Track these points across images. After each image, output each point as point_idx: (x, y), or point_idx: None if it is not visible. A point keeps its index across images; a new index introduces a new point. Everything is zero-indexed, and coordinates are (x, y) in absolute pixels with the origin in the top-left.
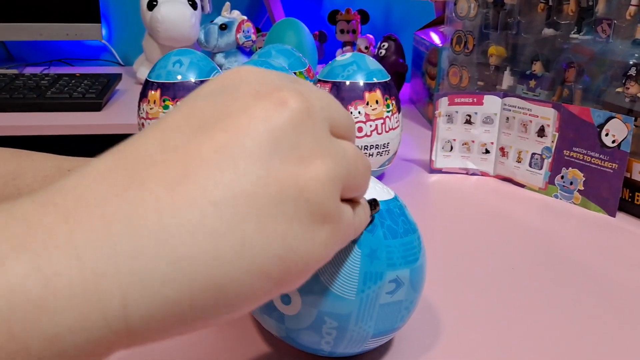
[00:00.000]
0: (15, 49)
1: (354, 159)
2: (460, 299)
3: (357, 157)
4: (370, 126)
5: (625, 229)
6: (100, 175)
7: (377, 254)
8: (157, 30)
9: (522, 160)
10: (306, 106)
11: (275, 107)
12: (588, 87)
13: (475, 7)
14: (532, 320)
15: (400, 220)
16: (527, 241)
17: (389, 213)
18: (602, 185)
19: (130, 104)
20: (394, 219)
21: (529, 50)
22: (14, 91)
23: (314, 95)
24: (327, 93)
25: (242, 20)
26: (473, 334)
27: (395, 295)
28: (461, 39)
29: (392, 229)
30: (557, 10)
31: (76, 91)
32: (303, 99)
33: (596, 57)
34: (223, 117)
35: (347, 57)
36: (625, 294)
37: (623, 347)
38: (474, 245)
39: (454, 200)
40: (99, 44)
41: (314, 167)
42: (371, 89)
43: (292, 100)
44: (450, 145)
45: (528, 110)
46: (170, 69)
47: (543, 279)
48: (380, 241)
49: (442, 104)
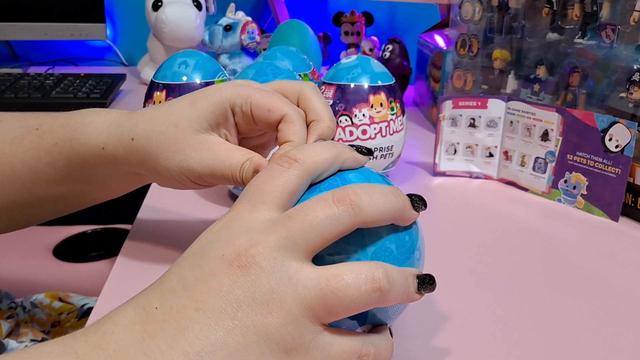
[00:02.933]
0: (20, 49)
1: (329, 286)
2: (463, 302)
3: (336, 283)
4: (374, 129)
5: (628, 234)
6: (127, 327)
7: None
8: (161, 30)
9: (525, 164)
10: (262, 264)
11: (235, 271)
12: (592, 92)
13: (480, 11)
14: (534, 323)
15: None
16: (530, 245)
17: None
18: (605, 189)
19: (135, 104)
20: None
21: (533, 54)
22: (19, 90)
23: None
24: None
25: (247, 21)
26: (475, 337)
27: None
28: (466, 42)
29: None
30: (561, 14)
31: (81, 91)
32: (262, 258)
33: (600, 62)
34: (198, 282)
35: (352, 59)
36: (627, 298)
37: (625, 351)
38: (476, 249)
39: (458, 204)
40: (103, 44)
41: (270, 310)
42: (376, 91)
43: (251, 263)
44: (454, 148)
45: (532, 114)
46: (175, 70)
47: (546, 283)
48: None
49: (446, 107)
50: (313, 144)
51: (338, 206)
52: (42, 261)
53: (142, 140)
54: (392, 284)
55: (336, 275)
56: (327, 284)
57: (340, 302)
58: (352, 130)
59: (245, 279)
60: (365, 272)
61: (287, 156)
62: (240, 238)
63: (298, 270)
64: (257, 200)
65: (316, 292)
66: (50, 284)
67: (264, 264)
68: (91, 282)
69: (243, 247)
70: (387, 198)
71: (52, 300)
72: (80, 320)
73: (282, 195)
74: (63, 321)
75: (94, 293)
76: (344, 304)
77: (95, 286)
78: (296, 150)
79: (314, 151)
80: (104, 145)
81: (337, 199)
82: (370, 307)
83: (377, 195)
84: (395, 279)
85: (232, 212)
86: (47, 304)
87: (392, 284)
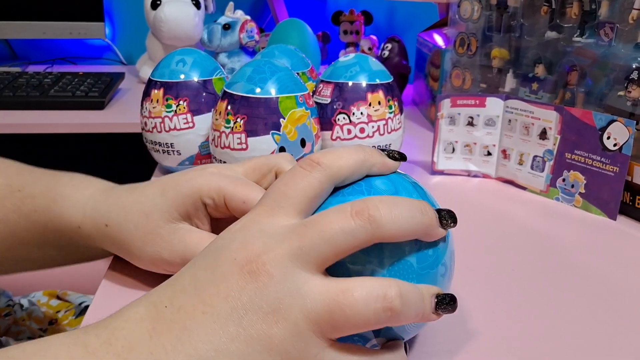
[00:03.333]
0: (18, 47)
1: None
2: (461, 300)
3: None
4: (372, 127)
5: (626, 232)
6: (137, 324)
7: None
8: (160, 29)
9: (523, 162)
10: (272, 272)
11: (245, 277)
12: (590, 91)
13: (479, 10)
14: (531, 321)
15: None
16: (528, 244)
17: None
18: (603, 188)
19: (133, 102)
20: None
21: (531, 53)
22: (17, 89)
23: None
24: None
25: (246, 20)
26: (471, 335)
27: None
28: (464, 41)
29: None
30: (560, 13)
31: (79, 89)
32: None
33: (599, 61)
34: (209, 284)
35: (350, 58)
36: (625, 296)
37: (623, 349)
38: (474, 247)
39: (456, 202)
40: (102, 43)
41: (276, 320)
42: (374, 90)
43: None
44: (452, 147)
45: (530, 112)
46: (173, 68)
47: (543, 281)
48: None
49: (444, 106)
50: (340, 148)
51: (355, 220)
52: None
53: (115, 229)
54: (405, 304)
55: (345, 291)
56: (335, 299)
57: (347, 319)
58: (350, 129)
59: (253, 286)
60: (377, 290)
61: (310, 159)
62: (255, 243)
63: (307, 281)
64: (277, 204)
65: (323, 307)
66: (48, 282)
67: (273, 272)
68: (89, 280)
69: (255, 253)
70: (411, 214)
71: (50, 298)
72: (77, 318)
73: (302, 200)
74: (60, 319)
75: (92, 291)
76: (351, 321)
77: (93, 284)
78: (320, 154)
79: (338, 155)
80: (80, 225)
81: (355, 212)
82: (379, 327)
83: (399, 211)
84: (410, 299)
85: (252, 213)
86: (44, 301)
87: (405, 304)
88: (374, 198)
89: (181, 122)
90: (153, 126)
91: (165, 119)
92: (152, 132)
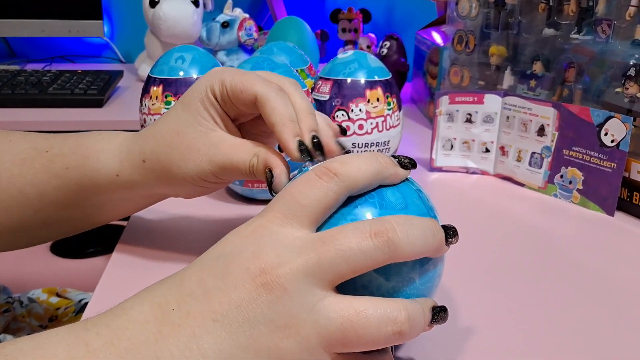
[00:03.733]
0: (17, 45)
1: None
2: (458, 296)
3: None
4: (371, 124)
5: (624, 228)
6: (141, 326)
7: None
8: (159, 27)
9: (521, 159)
10: (287, 287)
11: (258, 288)
12: (588, 87)
13: (477, 7)
14: (529, 317)
15: None
16: (526, 239)
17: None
18: (601, 184)
19: (132, 100)
20: None
21: (529, 50)
22: (16, 87)
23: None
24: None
25: (244, 18)
26: (469, 330)
27: None
28: (462, 38)
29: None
30: (557, 10)
31: (78, 87)
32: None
33: (596, 58)
34: (219, 291)
35: (349, 54)
36: (622, 292)
37: (620, 344)
38: (473, 243)
39: (454, 199)
40: (100, 41)
41: (288, 335)
42: (372, 86)
43: (275, 283)
44: (451, 143)
45: (528, 109)
46: (172, 65)
47: (541, 277)
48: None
49: (443, 103)
50: (356, 157)
51: (374, 240)
52: (40, 257)
53: (153, 160)
54: (412, 326)
55: (359, 313)
56: (350, 320)
57: (359, 339)
58: (349, 125)
59: (266, 298)
60: (389, 314)
61: (327, 168)
62: (268, 253)
63: (322, 299)
64: (291, 212)
65: (337, 326)
66: (48, 279)
67: (288, 286)
68: (88, 277)
69: (269, 265)
70: (424, 237)
71: (50, 295)
72: (77, 315)
73: (317, 212)
74: (60, 316)
75: (91, 288)
76: (362, 342)
77: (92, 281)
78: (338, 164)
79: (356, 166)
80: (118, 172)
81: (374, 233)
82: (386, 346)
83: (415, 233)
84: (416, 320)
85: (263, 218)
86: (44, 299)
87: (412, 326)
88: (392, 219)
89: None
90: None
91: None
92: None
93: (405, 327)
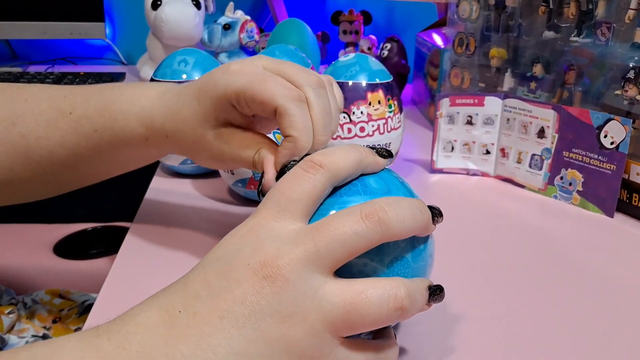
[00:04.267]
0: (19, 48)
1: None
2: (458, 297)
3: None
4: (372, 126)
5: (623, 229)
6: (150, 330)
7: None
8: (161, 29)
9: (522, 161)
10: (288, 276)
11: (261, 282)
12: (587, 90)
13: (477, 10)
14: (529, 318)
15: None
16: (526, 241)
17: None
18: (600, 186)
19: None
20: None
21: (529, 52)
22: None
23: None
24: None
25: (246, 20)
26: (469, 332)
27: None
28: (463, 40)
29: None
30: (557, 13)
31: None
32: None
33: (596, 60)
34: (223, 290)
35: (350, 57)
36: (622, 293)
37: (620, 345)
38: (473, 245)
39: (455, 200)
40: (102, 43)
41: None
42: (373, 89)
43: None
44: (452, 145)
45: (528, 111)
46: (175, 68)
47: (542, 278)
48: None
49: (443, 105)
50: (338, 148)
51: (366, 222)
52: (43, 258)
53: (174, 139)
54: (412, 301)
55: (360, 293)
56: (351, 301)
57: (363, 319)
58: (350, 128)
59: (270, 290)
60: (388, 291)
61: (312, 161)
62: (267, 247)
63: (323, 284)
64: (282, 207)
65: (340, 309)
66: (51, 280)
67: (290, 276)
68: (92, 279)
69: (269, 257)
70: (413, 214)
71: (53, 296)
72: (81, 317)
73: (308, 203)
74: (64, 317)
75: (95, 290)
76: (366, 322)
77: (96, 283)
78: (321, 155)
79: (339, 157)
80: (147, 137)
81: (365, 215)
82: (389, 324)
83: (403, 212)
84: (415, 296)
85: (256, 217)
86: (47, 300)
87: (412, 302)
88: (380, 201)
89: None
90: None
91: None
92: None
93: (406, 303)
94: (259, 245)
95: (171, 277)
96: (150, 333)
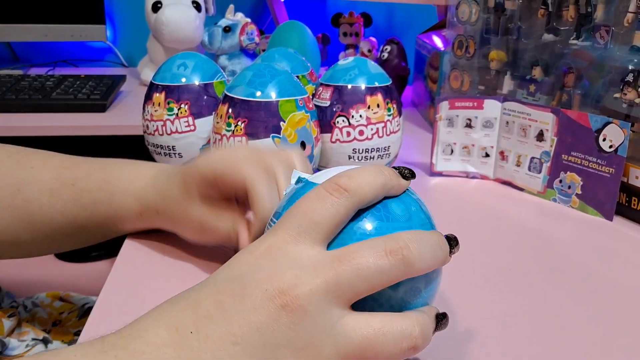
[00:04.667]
0: (20, 50)
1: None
2: (458, 300)
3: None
4: (371, 129)
5: (622, 232)
6: (159, 349)
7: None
8: (161, 32)
9: (521, 164)
10: (307, 308)
11: (278, 310)
12: (587, 92)
13: (477, 12)
14: (528, 321)
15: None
16: (526, 244)
17: None
18: (599, 189)
19: (135, 105)
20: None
21: (529, 55)
22: (20, 92)
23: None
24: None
25: (246, 22)
26: (468, 334)
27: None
28: (462, 43)
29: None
30: (556, 16)
31: (81, 92)
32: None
33: (595, 63)
34: (238, 313)
35: (349, 61)
36: (621, 295)
37: (619, 347)
38: (472, 247)
39: (454, 203)
40: (103, 46)
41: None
42: (372, 92)
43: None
44: (451, 148)
45: (527, 114)
46: (175, 72)
47: (540, 281)
48: None
49: (442, 108)
50: (363, 171)
51: (389, 259)
52: (43, 261)
53: (163, 216)
54: (424, 339)
55: (377, 330)
56: (368, 338)
57: (377, 356)
58: (349, 131)
59: (287, 320)
60: (404, 330)
61: (337, 184)
62: (285, 274)
63: (340, 318)
64: (303, 230)
65: (356, 345)
66: (51, 283)
67: (309, 307)
68: (91, 281)
69: (287, 285)
70: (434, 251)
71: (53, 299)
72: (80, 320)
73: (330, 228)
74: (64, 320)
75: (95, 292)
76: (380, 358)
77: (96, 285)
78: (347, 178)
79: (364, 180)
80: (141, 212)
81: (390, 251)
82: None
83: (426, 249)
84: (427, 333)
85: (275, 237)
86: (48, 303)
87: (424, 340)
88: (404, 236)
89: (182, 125)
90: (155, 129)
91: (167, 122)
92: (153, 135)
93: (420, 341)
94: (276, 269)
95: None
96: (159, 353)
